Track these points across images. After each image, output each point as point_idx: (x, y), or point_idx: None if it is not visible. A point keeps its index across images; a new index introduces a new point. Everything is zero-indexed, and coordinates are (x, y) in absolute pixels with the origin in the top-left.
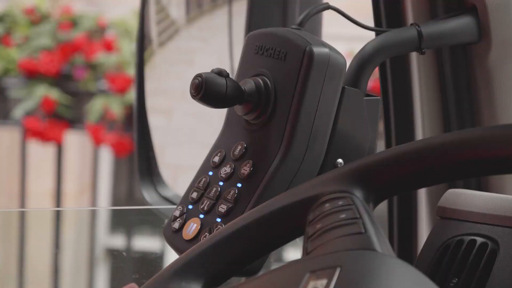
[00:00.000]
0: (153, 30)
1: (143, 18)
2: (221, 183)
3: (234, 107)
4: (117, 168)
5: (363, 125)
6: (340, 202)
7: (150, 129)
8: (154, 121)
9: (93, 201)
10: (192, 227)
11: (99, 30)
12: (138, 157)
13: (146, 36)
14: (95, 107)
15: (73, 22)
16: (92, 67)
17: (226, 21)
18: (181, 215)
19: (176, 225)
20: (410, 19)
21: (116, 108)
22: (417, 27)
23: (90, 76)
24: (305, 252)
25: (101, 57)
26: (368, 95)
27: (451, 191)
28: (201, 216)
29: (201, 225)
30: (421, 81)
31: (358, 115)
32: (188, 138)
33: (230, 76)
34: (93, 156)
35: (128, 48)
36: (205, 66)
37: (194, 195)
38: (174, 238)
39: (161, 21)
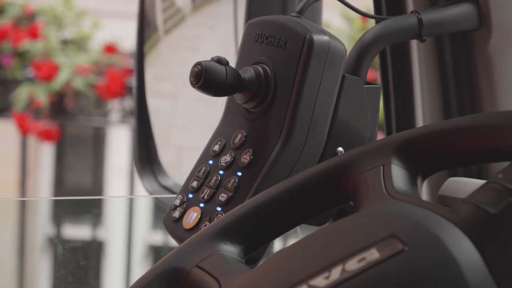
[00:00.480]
0: (159, 17)
1: (143, 7)
2: (221, 172)
3: (233, 95)
4: (44, 156)
5: (364, 113)
6: None
7: (150, 118)
8: (160, 104)
9: (33, 190)
10: (192, 216)
11: (27, 18)
12: (138, 146)
13: (151, 24)
14: (21, 95)
15: (0, 10)
16: (19, 54)
17: (232, 9)
18: (181, 204)
19: (176, 214)
20: (410, 6)
21: (42, 96)
22: (417, 14)
23: (17, 63)
24: None
25: (27, 44)
26: (368, 83)
27: (452, 179)
28: (201, 205)
29: (201, 214)
30: (421, 69)
31: (359, 103)
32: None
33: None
34: (21, 144)
35: (55, 35)
36: (211, 52)
37: (194, 184)
38: (174, 227)
39: (166, 9)
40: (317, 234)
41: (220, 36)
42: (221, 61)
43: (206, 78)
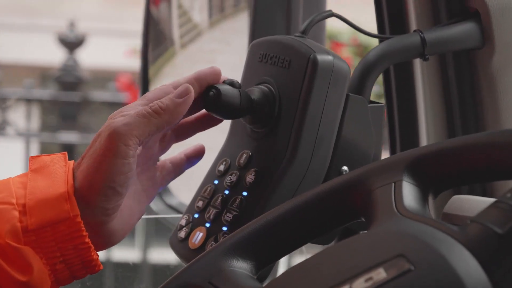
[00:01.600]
0: (175, 32)
1: (148, 21)
2: (226, 192)
3: None
4: None
5: (368, 132)
6: None
7: None
8: None
9: None
10: (198, 236)
11: None
12: None
13: (167, 38)
14: None
15: None
16: None
17: (247, 25)
18: (187, 224)
19: (182, 234)
20: (413, 25)
21: None
22: (420, 33)
23: None
24: None
25: None
26: (372, 102)
27: (457, 197)
28: (207, 225)
29: (207, 234)
30: (425, 87)
31: (363, 122)
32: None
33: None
34: None
35: None
36: (227, 64)
37: (200, 204)
38: (180, 247)
39: (183, 24)
40: (325, 253)
41: (236, 50)
42: (234, 84)
43: (222, 102)
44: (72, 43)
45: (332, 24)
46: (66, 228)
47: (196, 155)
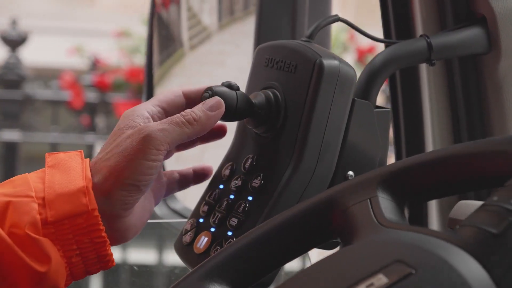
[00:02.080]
0: (185, 35)
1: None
2: (231, 196)
3: (244, 120)
4: None
5: (374, 136)
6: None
7: None
8: None
9: None
10: (203, 241)
11: None
12: None
13: (176, 40)
14: None
15: None
16: None
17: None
18: (192, 228)
19: (187, 238)
20: (419, 30)
21: None
22: (426, 38)
23: None
24: None
25: None
26: (378, 107)
27: (462, 202)
28: (212, 229)
29: (212, 238)
30: (431, 92)
31: (369, 127)
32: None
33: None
34: None
35: None
36: (236, 66)
37: (205, 208)
38: (185, 251)
39: (192, 26)
40: (319, 265)
41: (245, 52)
42: (231, 86)
43: None
44: (14, 41)
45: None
46: (84, 221)
47: (203, 174)
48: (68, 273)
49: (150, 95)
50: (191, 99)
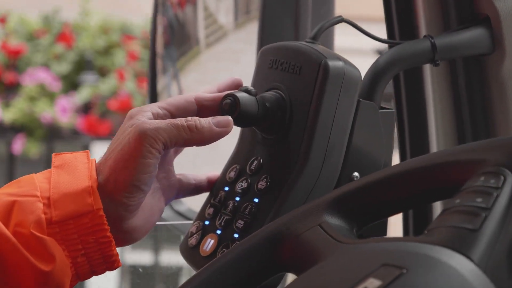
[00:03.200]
0: (201, 33)
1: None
2: (237, 198)
3: None
4: None
5: (379, 137)
6: (492, 181)
7: None
8: None
9: None
10: (209, 243)
11: None
12: None
13: (191, 38)
14: None
15: None
16: None
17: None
18: (197, 231)
19: (193, 241)
20: (423, 31)
21: None
22: (430, 39)
23: None
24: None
25: None
26: (382, 108)
27: None
28: (218, 232)
29: (219, 241)
30: (435, 93)
31: (374, 128)
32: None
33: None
34: None
35: None
36: (251, 63)
37: (211, 210)
38: (191, 254)
39: (209, 25)
40: (303, 280)
41: None
42: (250, 91)
43: (241, 111)
44: None
45: (125, 16)
46: (89, 221)
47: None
48: (73, 273)
49: (153, 100)
50: (204, 106)
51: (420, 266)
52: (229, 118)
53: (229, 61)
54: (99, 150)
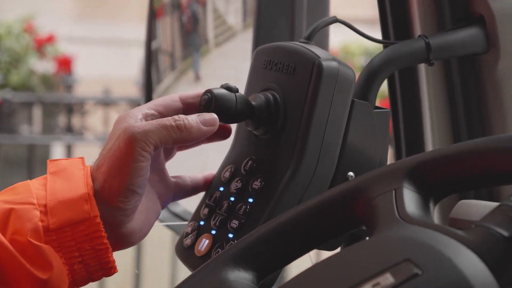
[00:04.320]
0: (210, 33)
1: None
2: (232, 199)
3: (243, 122)
4: None
5: (373, 137)
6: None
7: None
8: None
9: None
10: (204, 243)
11: None
12: None
13: (201, 37)
14: None
15: None
16: None
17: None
18: (192, 231)
19: (188, 241)
20: (417, 30)
21: None
22: (425, 38)
23: None
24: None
25: None
26: (377, 108)
27: (463, 202)
28: (213, 232)
29: (213, 241)
30: (430, 93)
31: (368, 127)
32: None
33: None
34: None
35: None
36: None
37: (206, 211)
38: (186, 254)
39: (218, 26)
40: (330, 260)
41: None
42: (230, 88)
43: (216, 105)
44: None
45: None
46: (86, 228)
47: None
48: (70, 280)
49: (149, 100)
50: (188, 104)
51: (436, 271)
52: (214, 115)
53: (237, 58)
54: None
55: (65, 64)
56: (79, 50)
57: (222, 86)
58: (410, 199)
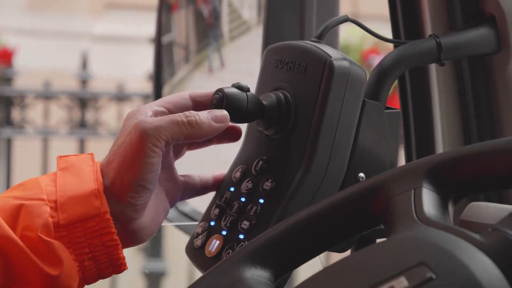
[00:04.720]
0: (225, 27)
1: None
2: (243, 199)
3: (254, 122)
4: None
5: (384, 138)
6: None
7: None
8: None
9: None
10: (215, 244)
11: None
12: None
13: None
14: None
15: None
16: None
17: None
18: (203, 232)
19: (198, 242)
20: (428, 30)
21: None
22: (436, 38)
23: None
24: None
25: None
26: (388, 108)
27: (474, 204)
28: (224, 232)
29: (224, 241)
30: (440, 93)
31: (379, 128)
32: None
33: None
34: None
35: None
36: None
37: (216, 211)
38: (196, 255)
39: (232, 20)
40: (345, 261)
41: None
42: (242, 88)
43: (227, 105)
44: None
45: None
46: (96, 224)
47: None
48: (80, 276)
49: (158, 95)
50: (198, 102)
51: (450, 276)
52: (225, 112)
53: (251, 52)
54: None
55: (5, 56)
56: (27, 42)
57: (234, 85)
58: (428, 199)
